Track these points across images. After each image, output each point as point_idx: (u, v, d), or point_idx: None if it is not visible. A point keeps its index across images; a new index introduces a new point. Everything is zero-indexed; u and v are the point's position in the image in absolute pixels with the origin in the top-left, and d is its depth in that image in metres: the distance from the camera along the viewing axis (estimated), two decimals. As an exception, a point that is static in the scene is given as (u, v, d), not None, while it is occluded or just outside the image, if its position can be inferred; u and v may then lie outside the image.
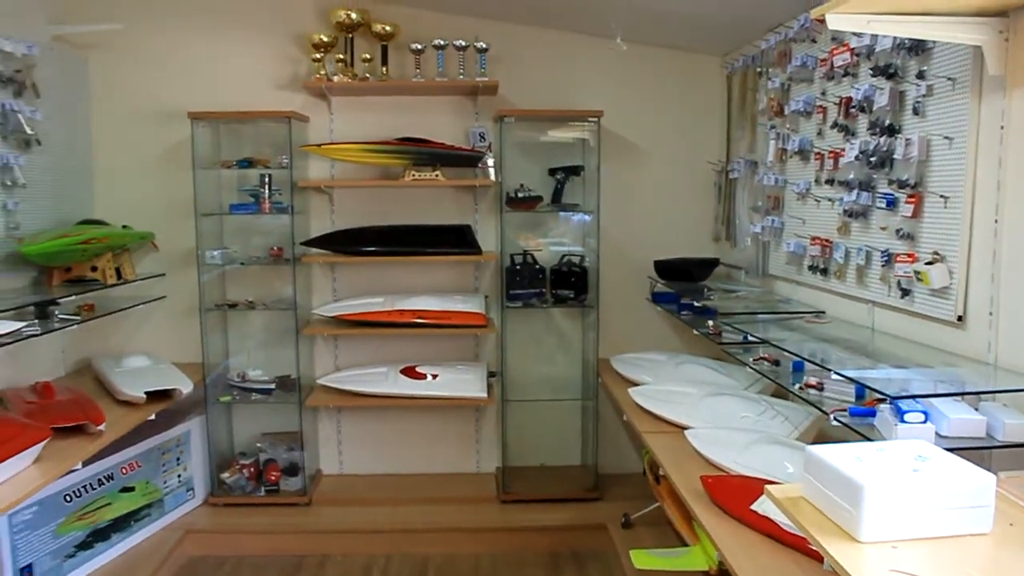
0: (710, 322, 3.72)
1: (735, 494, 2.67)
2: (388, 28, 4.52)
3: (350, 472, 5.02)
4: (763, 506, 2.49)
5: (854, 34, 3.06)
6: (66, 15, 4.44)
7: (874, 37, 2.94)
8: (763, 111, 4.05)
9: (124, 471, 4.12)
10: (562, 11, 4.47)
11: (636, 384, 4.13)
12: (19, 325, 3.43)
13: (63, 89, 4.37)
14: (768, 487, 1.92)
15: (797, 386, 2.76)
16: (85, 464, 3.42)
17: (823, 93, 3.41)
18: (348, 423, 5.00)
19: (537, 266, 4.63)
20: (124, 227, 4.47)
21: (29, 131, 3.94)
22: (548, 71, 4.74)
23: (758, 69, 4.13)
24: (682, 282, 4.41)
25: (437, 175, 4.51)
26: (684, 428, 3.41)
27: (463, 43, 4.49)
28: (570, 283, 4.62)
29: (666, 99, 4.78)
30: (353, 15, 4.51)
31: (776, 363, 3.07)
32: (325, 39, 4.52)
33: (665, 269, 4.54)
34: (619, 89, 4.74)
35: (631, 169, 4.80)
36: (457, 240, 4.61)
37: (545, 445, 4.95)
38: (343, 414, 4.98)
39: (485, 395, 4.52)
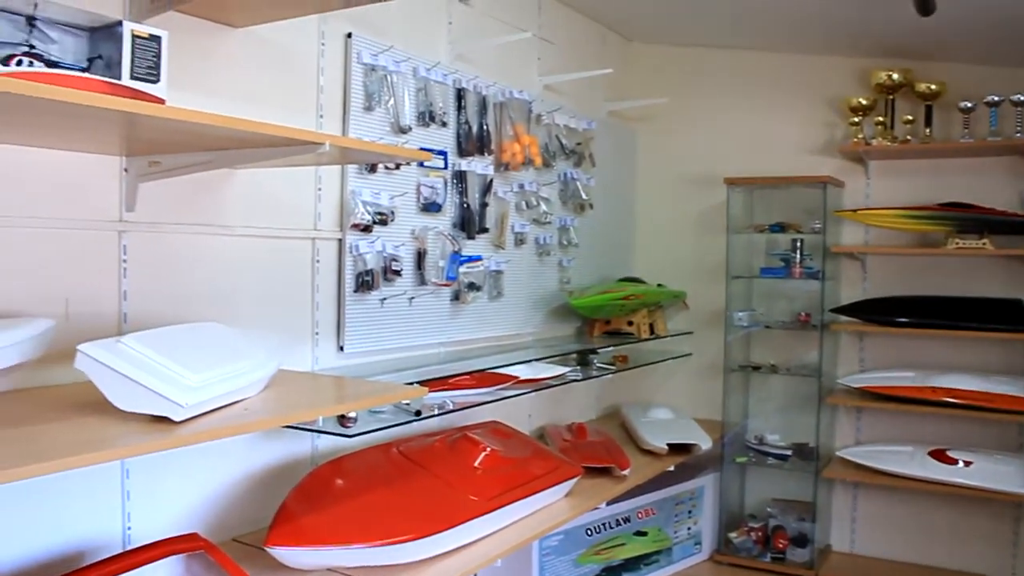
0: None
1: None
2: (933, 87, 4.29)
3: (862, 552, 4.74)
4: None
5: None
6: (620, 93, 4.93)
7: None
8: None
9: (640, 515, 4.33)
10: None
11: None
12: (565, 370, 3.85)
13: (614, 158, 4.83)
14: None
15: None
16: (608, 504, 3.66)
17: None
18: (865, 500, 4.73)
19: (1108, 350, 4.02)
20: (659, 285, 4.75)
21: (584, 196, 4.40)
22: None
23: None
24: None
25: (984, 243, 4.14)
26: None
27: (1021, 98, 4.10)
28: None
29: None
30: (895, 76, 4.36)
31: None
32: (864, 102, 4.44)
33: None
34: None
35: None
36: (1006, 316, 4.16)
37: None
38: (860, 490, 4.73)
39: (1029, 492, 4.00)
